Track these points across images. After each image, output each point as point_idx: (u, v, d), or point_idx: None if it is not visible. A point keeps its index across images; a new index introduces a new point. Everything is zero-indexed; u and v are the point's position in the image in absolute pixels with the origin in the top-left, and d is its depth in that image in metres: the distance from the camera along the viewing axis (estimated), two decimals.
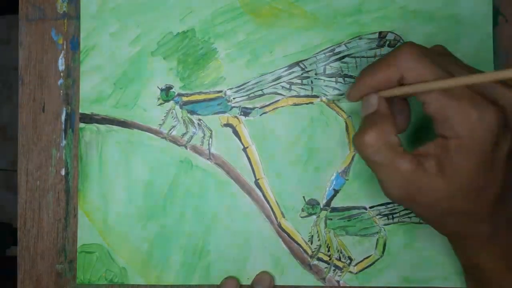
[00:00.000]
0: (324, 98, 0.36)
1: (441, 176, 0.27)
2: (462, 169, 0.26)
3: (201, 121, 0.36)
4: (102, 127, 0.37)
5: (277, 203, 0.36)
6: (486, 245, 0.29)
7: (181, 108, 0.37)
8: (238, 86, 0.36)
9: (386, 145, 0.27)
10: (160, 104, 0.37)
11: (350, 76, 0.36)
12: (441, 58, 0.29)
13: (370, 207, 0.36)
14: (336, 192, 0.36)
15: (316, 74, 0.36)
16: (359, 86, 0.30)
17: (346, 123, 0.36)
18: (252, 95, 0.36)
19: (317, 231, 0.36)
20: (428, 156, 0.27)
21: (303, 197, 0.36)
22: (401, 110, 0.31)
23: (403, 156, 0.27)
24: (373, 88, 0.29)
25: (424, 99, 0.27)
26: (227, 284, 0.35)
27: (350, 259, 0.36)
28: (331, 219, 0.36)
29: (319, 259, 0.36)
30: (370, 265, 0.36)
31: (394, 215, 0.36)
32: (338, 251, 0.36)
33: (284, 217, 0.36)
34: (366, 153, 0.28)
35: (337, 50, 0.36)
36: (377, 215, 0.36)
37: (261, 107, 0.36)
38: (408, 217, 0.36)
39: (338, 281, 0.36)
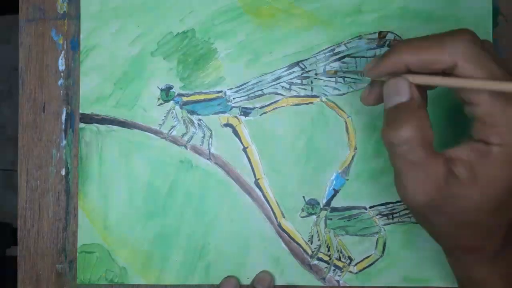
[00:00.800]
0: (324, 98, 0.36)
1: (473, 184, 0.24)
2: (499, 180, 0.24)
3: (201, 121, 0.36)
4: (102, 127, 0.37)
5: (277, 203, 0.36)
6: (491, 261, 0.27)
7: (181, 108, 0.37)
8: (238, 86, 0.36)
9: (422, 142, 0.24)
10: (160, 104, 0.37)
11: (350, 76, 0.36)
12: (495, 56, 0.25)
13: (370, 207, 0.36)
14: (336, 192, 0.36)
15: (316, 74, 0.36)
16: (389, 62, 0.25)
17: (346, 123, 0.36)
18: (252, 95, 0.36)
19: (317, 231, 0.36)
20: (460, 160, 0.24)
21: (303, 197, 0.36)
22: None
23: (436, 157, 0.24)
24: (406, 67, 0.25)
25: (472, 99, 0.24)
26: (227, 284, 0.35)
27: (350, 259, 0.36)
28: (331, 219, 0.36)
29: (319, 259, 0.36)
30: (370, 265, 0.36)
31: (394, 215, 0.36)
32: (338, 251, 0.36)
33: (284, 217, 0.36)
34: (400, 149, 0.24)
35: (337, 50, 0.36)
36: (377, 215, 0.36)
37: (261, 107, 0.36)
38: (408, 217, 0.36)
39: (338, 281, 0.36)
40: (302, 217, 0.36)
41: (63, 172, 0.37)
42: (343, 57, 0.36)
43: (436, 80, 0.25)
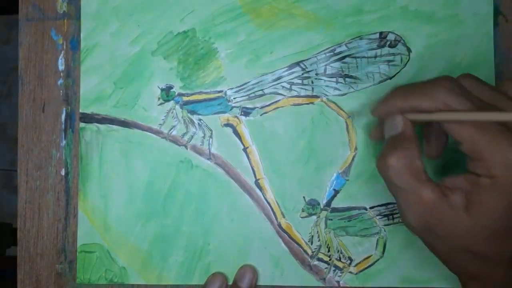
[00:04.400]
0: (324, 98, 0.36)
1: (467, 212, 0.26)
2: (492, 209, 0.26)
3: (202, 121, 0.36)
4: (102, 126, 0.37)
5: (277, 203, 0.36)
6: None
7: (181, 108, 0.36)
8: (239, 86, 0.36)
9: (409, 169, 0.26)
10: (160, 104, 0.36)
11: (351, 76, 0.36)
12: (475, 92, 0.28)
13: (371, 208, 0.36)
14: (336, 192, 0.36)
15: (316, 74, 0.36)
16: (386, 106, 0.29)
17: (346, 123, 0.36)
18: (252, 95, 0.36)
19: (317, 231, 0.36)
20: (456, 189, 0.26)
21: (303, 197, 0.36)
22: (438, 135, 0.31)
23: (425, 183, 0.26)
24: (399, 110, 0.28)
25: (458, 136, 0.26)
26: (214, 280, 0.35)
27: (350, 259, 0.36)
28: (331, 220, 0.36)
29: (319, 260, 0.36)
30: (370, 265, 0.36)
31: (395, 216, 0.36)
32: (338, 251, 0.36)
33: (284, 217, 0.36)
34: (388, 175, 0.27)
35: (337, 50, 0.36)
36: (377, 215, 0.36)
37: (262, 107, 0.36)
38: None
39: (338, 282, 0.36)
40: (302, 217, 0.36)
41: (62, 172, 0.37)
42: (344, 57, 0.36)
43: (421, 116, 0.28)
